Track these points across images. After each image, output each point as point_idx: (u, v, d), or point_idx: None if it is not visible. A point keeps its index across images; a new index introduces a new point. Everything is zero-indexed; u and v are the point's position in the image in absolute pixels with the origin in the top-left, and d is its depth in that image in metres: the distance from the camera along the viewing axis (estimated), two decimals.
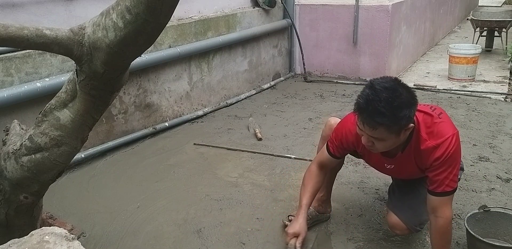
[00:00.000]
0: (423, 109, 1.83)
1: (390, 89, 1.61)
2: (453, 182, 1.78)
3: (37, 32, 1.44)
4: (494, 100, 4.30)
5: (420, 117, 1.80)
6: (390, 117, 1.59)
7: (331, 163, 2.11)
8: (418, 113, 1.79)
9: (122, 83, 1.70)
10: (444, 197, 1.79)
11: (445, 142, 1.75)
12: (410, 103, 1.64)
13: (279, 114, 4.10)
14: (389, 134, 1.67)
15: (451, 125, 1.81)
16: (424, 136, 1.78)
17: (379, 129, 1.64)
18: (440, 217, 1.81)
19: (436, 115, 1.80)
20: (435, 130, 1.77)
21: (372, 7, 4.76)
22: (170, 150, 3.36)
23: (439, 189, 1.78)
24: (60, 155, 1.72)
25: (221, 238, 2.29)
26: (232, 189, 2.76)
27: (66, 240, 1.28)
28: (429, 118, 1.80)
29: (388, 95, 1.59)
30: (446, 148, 1.74)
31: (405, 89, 1.66)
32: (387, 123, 1.62)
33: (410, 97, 1.65)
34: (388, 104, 1.58)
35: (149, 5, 1.34)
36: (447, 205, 1.81)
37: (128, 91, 3.43)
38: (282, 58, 5.32)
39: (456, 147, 1.76)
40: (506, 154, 3.13)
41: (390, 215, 2.06)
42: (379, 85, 1.62)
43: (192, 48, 3.82)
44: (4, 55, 2.62)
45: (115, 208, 2.58)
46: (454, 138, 1.76)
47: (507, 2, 11.47)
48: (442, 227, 1.82)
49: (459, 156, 1.81)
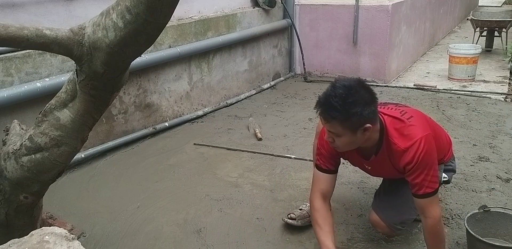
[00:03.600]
0: (392, 114, 1.89)
1: (347, 87, 1.70)
2: (432, 183, 1.81)
3: (37, 32, 1.44)
4: (494, 100, 4.30)
5: (389, 122, 1.85)
6: (342, 112, 1.68)
7: (329, 184, 2.02)
8: (387, 117, 1.86)
9: (122, 83, 1.70)
10: (428, 198, 1.82)
11: (414, 145, 1.79)
12: (365, 103, 1.70)
13: (279, 114, 4.10)
14: (343, 129, 1.73)
15: (421, 128, 1.84)
16: (393, 139, 1.83)
17: (333, 122, 1.73)
18: (429, 218, 1.84)
19: (405, 119, 1.86)
20: (404, 133, 1.82)
21: (372, 7, 4.76)
22: (170, 150, 3.36)
23: (421, 191, 1.82)
24: (60, 155, 1.72)
25: (221, 238, 2.29)
26: (232, 189, 2.76)
27: (66, 240, 1.28)
28: (398, 123, 1.85)
29: (343, 92, 1.69)
30: (415, 152, 1.78)
31: (365, 90, 1.74)
32: (339, 118, 1.70)
33: (367, 97, 1.73)
34: (342, 100, 1.67)
35: (149, 5, 1.34)
36: (433, 205, 1.83)
37: (128, 91, 3.43)
38: (282, 58, 5.32)
39: (426, 149, 1.79)
40: (506, 154, 3.13)
41: (371, 214, 2.12)
42: (339, 83, 1.73)
43: (192, 48, 3.82)
44: (4, 55, 2.62)
45: (115, 208, 2.58)
46: (423, 141, 1.79)
47: (507, 2, 11.47)
48: (432, 227, 1.85)
49: (432, 157, 1.82)
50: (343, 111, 1.68)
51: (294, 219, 2.31)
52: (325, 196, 2.01)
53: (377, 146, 1.88)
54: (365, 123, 1.72)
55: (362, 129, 1.74)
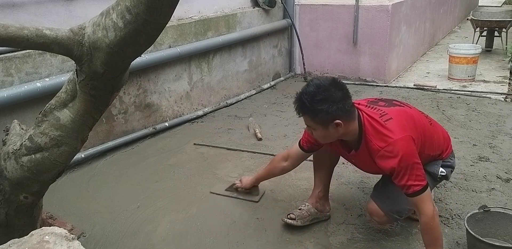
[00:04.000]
0: (372, 115, 1.98)
1: (318, 86, 1.85)
2: (418, 181, 1.88)
3: (37, 32, 1.44)
4: (494, 100, 4.30)
5: (366, 121, 1.96)
6: (309, 109, 1.85)
7: (297, 156, 2.31)
8: (366, 116, 1.97)
9: (122, 83, 1.70)
10: (418, 196, 1.88)
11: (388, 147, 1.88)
12: (333, 101, 1.83)
13: (279, 114, 4.10)
14: (315, 124, 1.91)
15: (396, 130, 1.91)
16: (370, 137, 1.94)
17: (305, 117, 1.92)
18: (422, 214, 1.89)
19: (382, 121, 1.94)
20: (379, 134, 1.92)
21: (372, 7, 4.76)
22: (170, 150, 3.36)
23: (410, 190, 1.88)
24: (60, 155, 1.72)
25: (221, 238, 2.29)
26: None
27: (66, 240, 1.28)
28: (375, 123, 1.95)
29: (313, 90, 1.85)
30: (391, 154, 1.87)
31: (336, 88, 1.86)
32: (308, 114, 1.88)
33: (336, 96, 1.85)
34: (310, 97, 1.84)
35: (149, 5, 1.34)
36: (425, 202, 1.88)
37: (128, 91, 3.43)
38: (282, 58, 5.32)
39: (403, 151, 1.86)
40: (506, 154, 3.13)
41: (369, 202, 2.17)
42: (313, 82, 1.89)
43: (192, 48, 3.82)
44: (4, 55, 2.62)
45: (115, 208, 2.58)
46: (399, 143, 1.87)
47: (507, 2, 11.47)
48: (426, 224, 1.90)
49: (411, 158, 1.88)
50: (311, 107, 1.84)
51: (293, 219, 2.32)
52: (287, 159, 2.35)
53: (357, 141, 2.00)
54: (333, 119, 1.85)
55: (333, 124, 1.87)
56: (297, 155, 2.31)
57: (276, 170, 2.43)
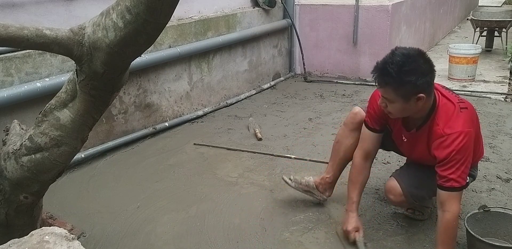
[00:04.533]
0: (450, 98, 1.89)
1: (405, 56, 1.74)
2: (461, 178, 1.81)
3: (37, 32, 1.44)
4: (494, 100, 4.30)
5: (442, 103, 1.87)
6: (396, 79, 1.73)
7: (374, 143, 2.14)
8: (443, 98, 1.88)
9: (122, 83, 1.70)
10: (452, 192, 1.82)
11: (453, 135, 1.80)
12: (421, 72, 1.73)
13: (279, 114, 4.10)
14: (396, 96, 1.78)
15: (468, 122, 1.84)
16: (438, 121, 1.85)
17: (386, 88, 1.79)
18: (447, 211, 1.84)
19: (458, 108, 1.85)
20: (451, 119, 1.83)
21: (372, 7, 4.76)
22: (170, 150, 3.36)
23: (447, 184, 1.82)
24: (60, 155, 1.72)
25: (221, 238, 2.29)
26: (232, 189, 2.76)
27: (66, 240, 1.28)
28: (451, 107, 1.86)
29: (401, 59, 1.73)
30: (452, 143, 1.79)
31: (424, 60, 1.76)
32: (393, 84, 1.75)
33: (424, 68, 1.75)
34: (398, 67, 1.72)
35: (149, 5, 1.34)
36: (455, 200, 1.83)
37: (128, 91, 3.43)
38: (282, 58, 5.32)
39: (463, 144, 1.79)
40: (506, 154, 3.13)
41: (390, 179, 2.11)
42: (399, 51, 1.77)
43: (192, 48, 3.82)
44: (4, 55, 2.62)
45: (115, 208, 2.58)
46: (463, 135, 1.79)
47: (507, 2, 11.48)
48: (448, 221, 1.85)
49: (467, 153, 1.82)
50: (397, 78, 1.72)
51: (290, 180, 2.39)
52: (367, 155, 2.15)
53: (422, 121, 1.91)
54: (418, 92, 1.76)
55: (415, 98, 1.77)
56: (374, 143, 2.14)
57: (367, 176, 2.21)
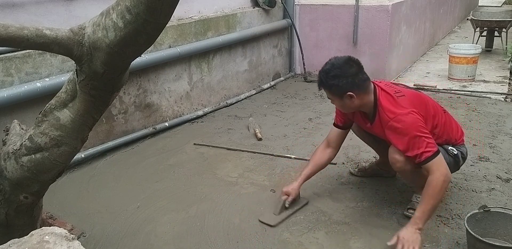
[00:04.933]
0: (387, 90, 2.21)
1: (332, 64, 2.17)
2: (429, 148, 2.05)
3: (37, 32, 1.44)
4: (494, 100, 4.30)
5: (382, 96, 2.19)
6: (324, 84, 2.19)
7: (337, 137, 2.52)
8: (382, 92, 2.20)
9: (122, 83, 1.70)
10: (430, 161, 2.04)
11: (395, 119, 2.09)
12: (344, 76, 2.12)
13: (279, 114, 4.10)
14: (332, 95, 2.22)
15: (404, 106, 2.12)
16: (382, 109, 2.16)
17: (324, 90, 2.24)
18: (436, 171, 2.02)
19: (395, 97, 2.18)
20: (391, 107, 2.14)
21: (372, 7, 4.76)
22: (170, 150, 3.36)
23: (422, 158, 2.05)
24: (60, 155, 1.72)
25: (221, 238, 2.29)
26: (232, 189, 2.76)
27: (66, 240, 1.28)
28: (389, 98, 2.18)
29: (328, 68, 2.17)
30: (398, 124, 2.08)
31: (349, 66, 2.14)
32: (325, 87, 2.21)
33: (350, 71, 2.13)
34: (325, 74, 2.17)
35: (149, 5, 1.34)
36: (439, 165, 2.04)
37: (128, 91, 3.43)
38: (282, 58, 5.32)
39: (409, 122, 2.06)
40: (506, 154, 3.13)
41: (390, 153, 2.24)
42: (330, 61, 2.20)
43: (192, 48, 3.82)
44: (4, 55, 2.62)
45: (115, 208, 2.58)
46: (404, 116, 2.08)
47: (507, 2, 11.48)
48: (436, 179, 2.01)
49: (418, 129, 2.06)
50: (325, 83, 2.18)
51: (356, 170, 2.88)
52: (329, 144, 2.53)
53: (373, 114, 2.24)
54: (346, 91, 2.13)
55: (346, 96, 2.15)
56: (336, 136, 2.52)
57: (323, 160, 2.53)
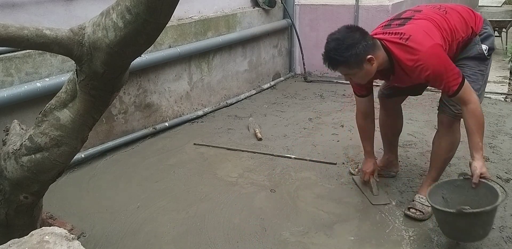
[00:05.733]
0: (392, 39, 2.13)
1: (337, 39, 2.06)
2: (455, 78, 2.04)
3: (37, 32, 1.44)
4: (494, 100, 4.30)
5: (392, 46, 2.11)
6: (341, 60, 2.05)
7: (366, 106, 2.49)
8: (389, 43, 2.12)
9: (122, 83, 1.70)
10: (459, 92, 2.05)
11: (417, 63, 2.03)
12: (355, 43, 2.02)
13: (279, 114, 4.10)
14: (351, 69, 2.09)
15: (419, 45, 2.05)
16: (400, 58, 2.09)
17: (340, 68, 2.11)
18: (469, 103, 2.05)
19: (403, 42, 2.08)
20: (406, 54, 2.07)
21: (372, 7, 4.76)
22: (170, 150, 3.36)
23: (452, 90, 2.05)
24: (60, 155, 1.72)
25: (221, 238, 2.29)
26: (232, 189, 2.76)
27: (66, 240, 1.28)
28: (398, 46, 2.10)
29: (335, 44, 2.06)
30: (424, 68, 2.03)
31: (351, 32, 2.06)
32: (342, 64, 2.07)
33: (356, 38, 2.04)
34: (336, 51, 2.04)
35: (149, 5, 1.34)
36: (468, 93, 2.06)
37: (128, 91, 3.43)
38: (282, 58, 5.32)
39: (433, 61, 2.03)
40: (506, 154, 3.13)
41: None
42: (330, 38, 2.11)
43: (192, 48, 3.82)
44: (4, 55, 2.62)
45: (115, 208, 2.58)
46: (425, 56, 2.03)
47: (507, 2, 11.47)
48: (473, 110, 2.05)
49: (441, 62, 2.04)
50: (342, 58, 2.04)
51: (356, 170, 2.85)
52: (365, 115, 2.51)
53: (391, 66, 2.17)
54: (364, 57, 2.04)
55: (366, 62, 2.06)
56: (365, 104, 2.49)
57: (372, 130, 2.58)
